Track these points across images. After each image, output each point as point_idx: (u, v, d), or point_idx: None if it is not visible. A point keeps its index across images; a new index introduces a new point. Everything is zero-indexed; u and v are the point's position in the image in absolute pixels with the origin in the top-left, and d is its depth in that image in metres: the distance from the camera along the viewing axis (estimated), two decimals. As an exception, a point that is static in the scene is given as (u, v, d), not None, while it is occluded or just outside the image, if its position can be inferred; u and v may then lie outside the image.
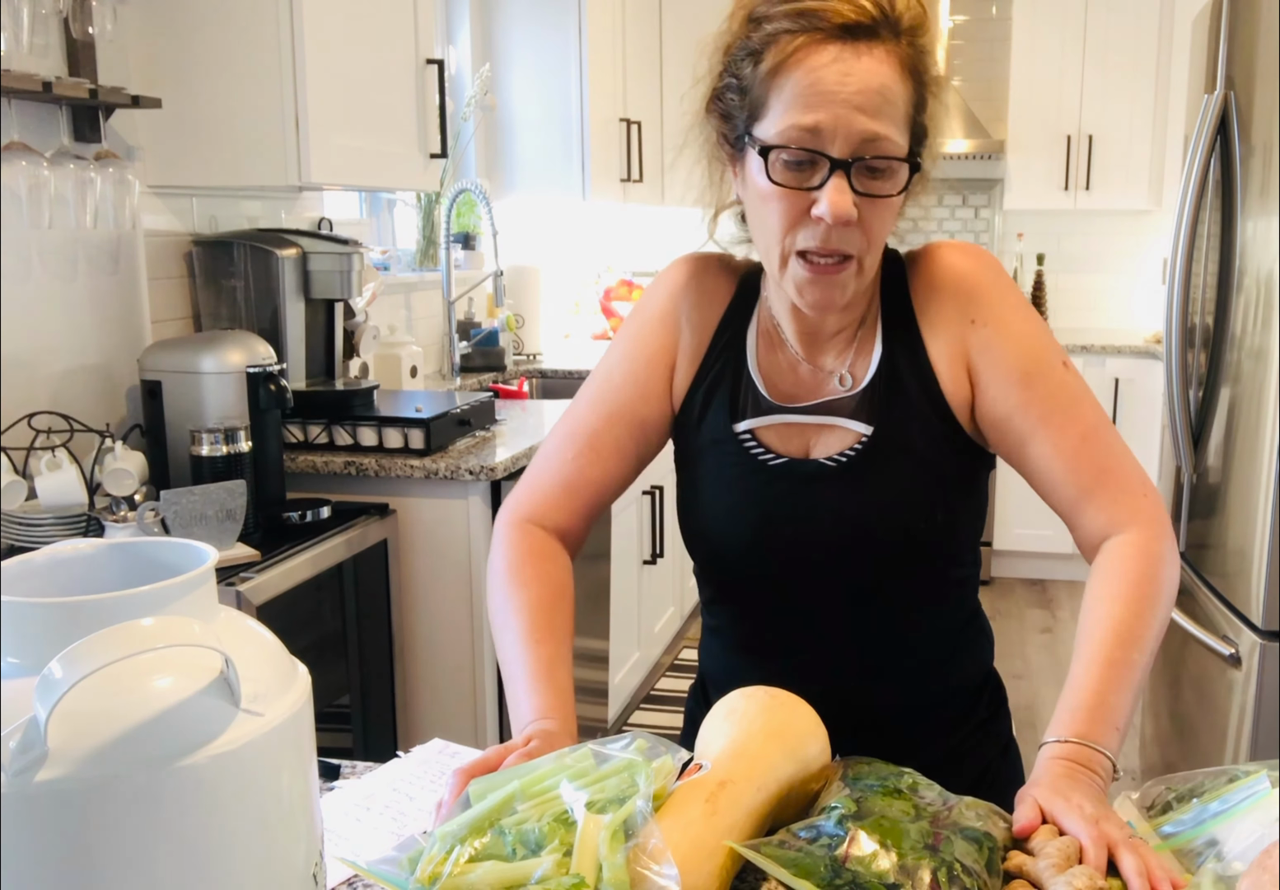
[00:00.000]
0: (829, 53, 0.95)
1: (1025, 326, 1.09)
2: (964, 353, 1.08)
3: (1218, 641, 2.29)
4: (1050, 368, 1.07)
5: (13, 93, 1.85)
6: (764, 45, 0.98)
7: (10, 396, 1.97)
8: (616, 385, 1.16)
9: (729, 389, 1.13)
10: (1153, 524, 1.05)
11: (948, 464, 1.10)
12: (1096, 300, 5.30)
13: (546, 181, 3.92)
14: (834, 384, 1.11)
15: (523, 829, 0.75)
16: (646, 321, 1.17)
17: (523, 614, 1.07)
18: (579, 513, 1.16)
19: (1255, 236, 2.20)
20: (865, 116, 0.95)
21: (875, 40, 0.96)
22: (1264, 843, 0.78)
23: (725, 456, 1.12)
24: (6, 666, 0.59)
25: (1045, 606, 4.58)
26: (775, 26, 0.97)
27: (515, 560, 1.12)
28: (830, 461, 1.10)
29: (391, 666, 2.34)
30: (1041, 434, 1.06)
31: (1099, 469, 1.06)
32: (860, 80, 0.95)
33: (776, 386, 1.12)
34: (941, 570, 1.14)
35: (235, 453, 2.02)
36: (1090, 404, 1.07)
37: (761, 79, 0.98)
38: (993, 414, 1.08)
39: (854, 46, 0.96)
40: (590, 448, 1.15)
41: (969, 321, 1.08)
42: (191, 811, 0.58)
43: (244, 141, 2.23)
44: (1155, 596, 1.01)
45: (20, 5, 1.87)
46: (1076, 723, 0.94)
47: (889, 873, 0.74)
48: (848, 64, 0.95)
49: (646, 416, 1.16)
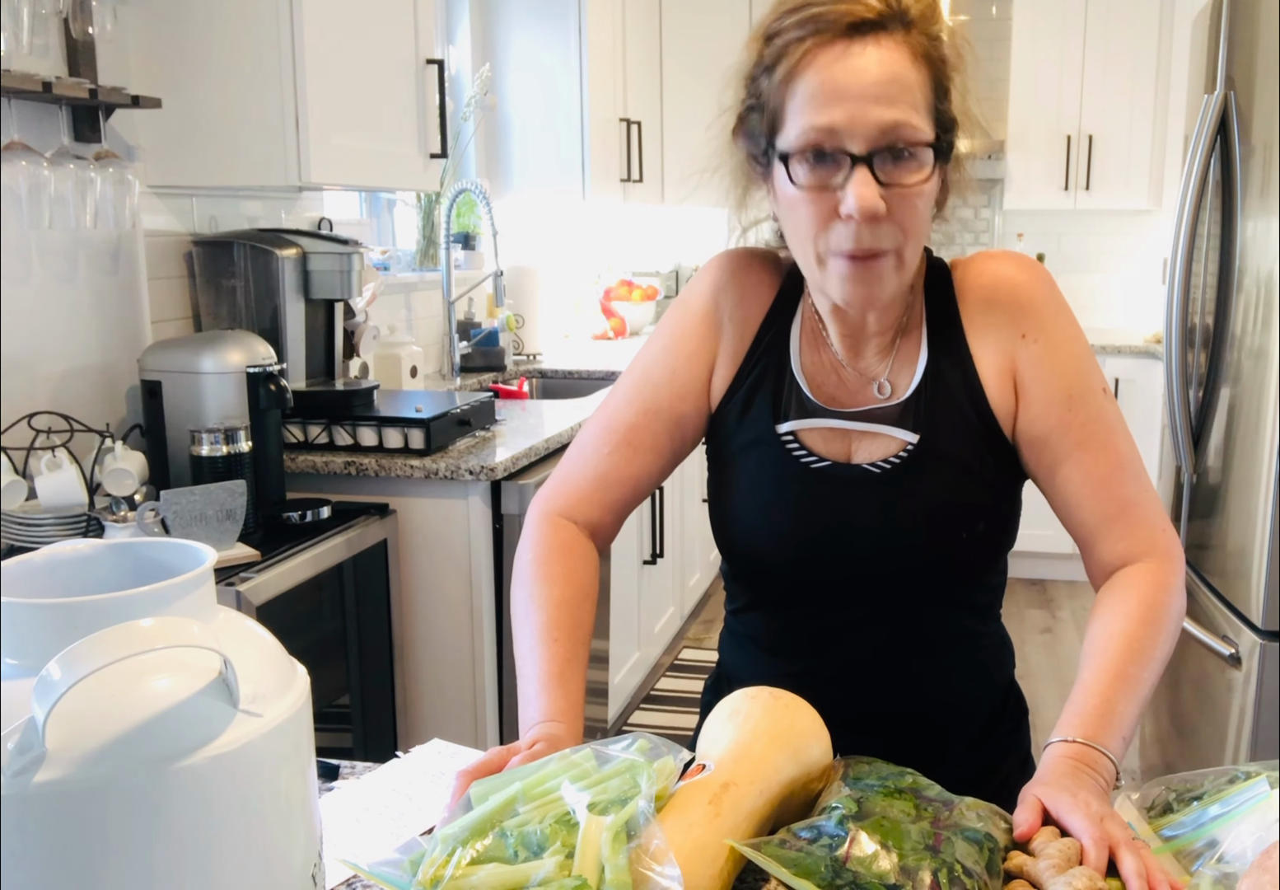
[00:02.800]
0: (835, 50, 0.95)
1: (1074, 347, 1.08)
2: (1012, 366, 1.08)
3: (1218, 641, 2.29)
4: (1093, 393, 1.07)
5: (13, 93, 1.84)
6: (776, 58, 0.98)
7: (10, 396, 1.97)
8: (654, 381, 1.15)
9: (771, 389, 1.12)
10: (1169, 559, 1.06)
11: (991, 474, 1.09)
12: (1096, 300, 5.29)
13: (546, 181, 3.92)
14: (873, 392, 1.10)
15: (525, 831, 0.75)
16: (687, 317, 1.16)
17: (544, 611, 1.06)
18: (611, 508, 1.16)
19: (1255, 236, 2.20)
20: (880, 106, 0.94)
21: (883, 32, 0.96)
22: (1263, 844, 0.78)
23: (766, 457, 1.11)
24: (5, 667, 0.59)
25: (1045, 606, 4.58)
26: (785, 38, 0.97)
27: (543, 555, 1.11)
28: (874, 467, 1.08)
29: (391, 666, 2.34)
30: (1075, 458, 1.06)
31: (1125, 500, 1.06)
32: (870, 72, 0.94)
33: (820, 388, 1.11)
34: (978, 579, 1.14)
35: (235, 453, 2.02)
36: (1124, 435, 1.08)
37: (775, 90, 0.98)
38: (1031, 431, 1.07)
39: (861, 41, 0.95)
40: (626, 443, 1.14)
41: (1020, 335, 1.07)
42: (190, 812, 0.58)
43: (244, 141, 2.23)
44: (1165, 622, 1.03)
45: (20, 5, 1.87)
46: (1085, 725, 0.94)
47: (890, 873, 0.74)
48: (855, 58, 0.95)
49: (684, 414, 1.14)
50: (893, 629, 1.12)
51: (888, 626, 1.12)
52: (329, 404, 2.43)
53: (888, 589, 1.10)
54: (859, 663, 1.13)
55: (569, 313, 4.72)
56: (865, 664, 1.13)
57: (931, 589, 1.10)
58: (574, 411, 2.94)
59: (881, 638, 1.12)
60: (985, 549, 1.10)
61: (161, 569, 0.67)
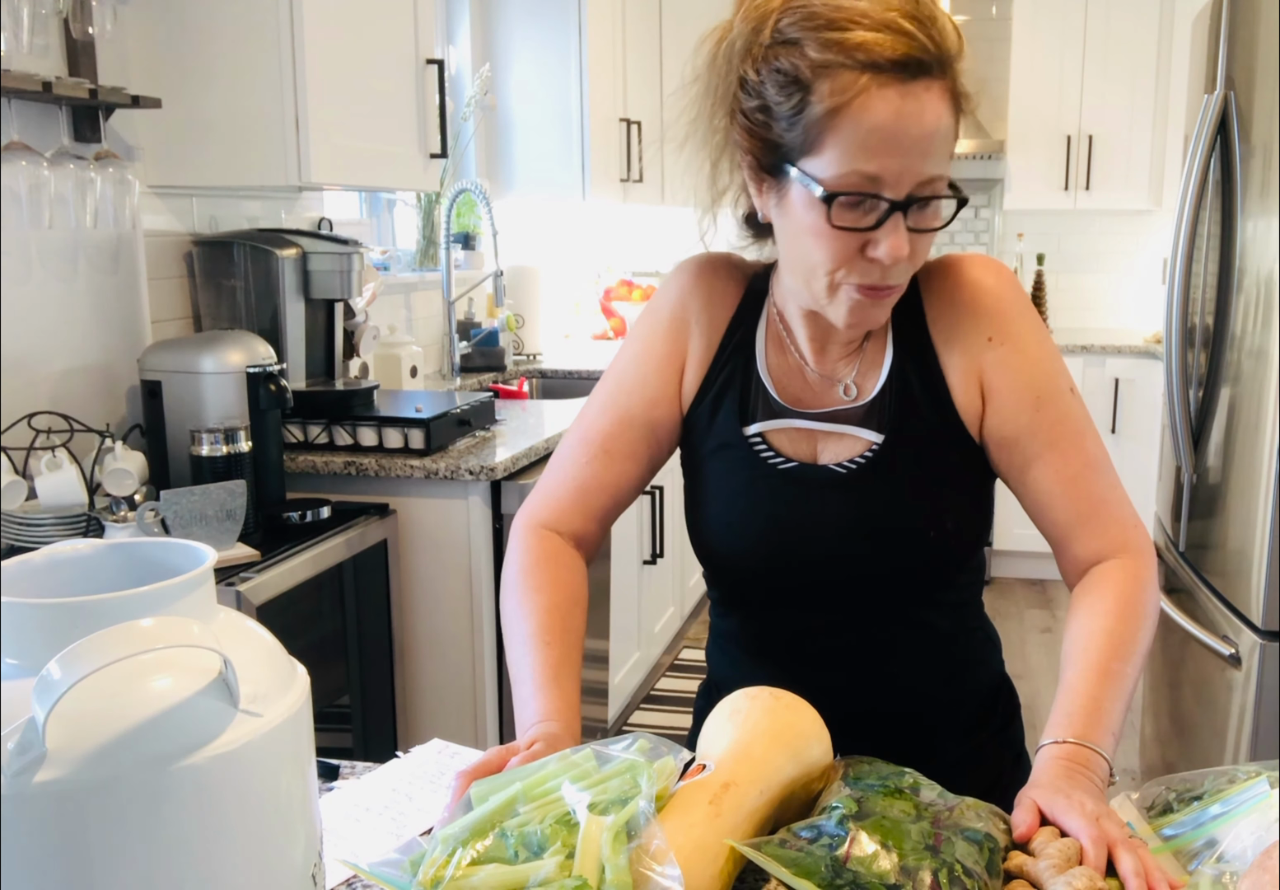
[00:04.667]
0: (890, 98, 0.92)
1: (1040, 349, 1.09)
2: (978, 369, 1.09)
3: (1218, 641, 2.29)
4: (1061, 393, 1.08)
5: (13, 93, 1.84)
6: (814, 77, 0.93)
7: (10, 396, 1.97)
8: (627, 389, 1.16)
9: (739, 391, 1.13)
10: (1142, 555, 1.07)
11: (957, 473, 1.10)
12: (1096, 300, 5.30)
13: (546, 181, 3.91)
14: (838, 394, 1.11)
15: (525, 831, 0.75)
16: (656, 324, 1.17)
17: (534, 618, 1.07)
18: (594, 517, 1.16)
19: (1255, 236, 2.20)
20: (926, 160, 0.94)
21: (930, 78, 0.94)
22: (1263, 844, 0.78)
23: (735, 459, 1.12)
24: (6, 667, 0.59)
25: (1045, 606, 4.58)
26: (822, 57, 0.93)
27: (529, 565, 1.12)
28: (840, 467, 1.10)
29: (391, 666, 2.34)
30: (1045, 458, 1.07)
31: (1096, 499, 1.08)
32: (921, 126, 0.93)
33: (786, 389, 1.12)
34: (949, 577, 1.14)
35: (235, 453, 2.02)
36: (1093, 434, 1.09)
37: (818, 117, 0.94)
38: (1000, 433, 1.08)
39: (913, 88, 0.93)
40: (604, 451, 1.15)
41: (986, 339, 1.08)
42: (190, 812, 0.58)
43: (244, 141, 2.23)
44: (1142, 616, 1.04)
45: (20, 5, 1.87)
46: (1074, 725, 0.95)
47: (890, 873, 0.74)
48: (909, 109, 0.93)
49: (658, 419, 1.15)
50: (868, 628, 1.13)
51: (862, 625, 1.12)
52: (329, 404, 2.43)
53: (858, 588, 1.11)
54: (838, 663, 1.14)
55: (569, 313, 4.72)
56: (844, 664, 1.14)
57: (902, 587, 1.11)
58: (574, 411, 2.91)
59: (857, 636, 1.13)
60: (954, 547, 1.11)
61: (161, 569, 0.67)
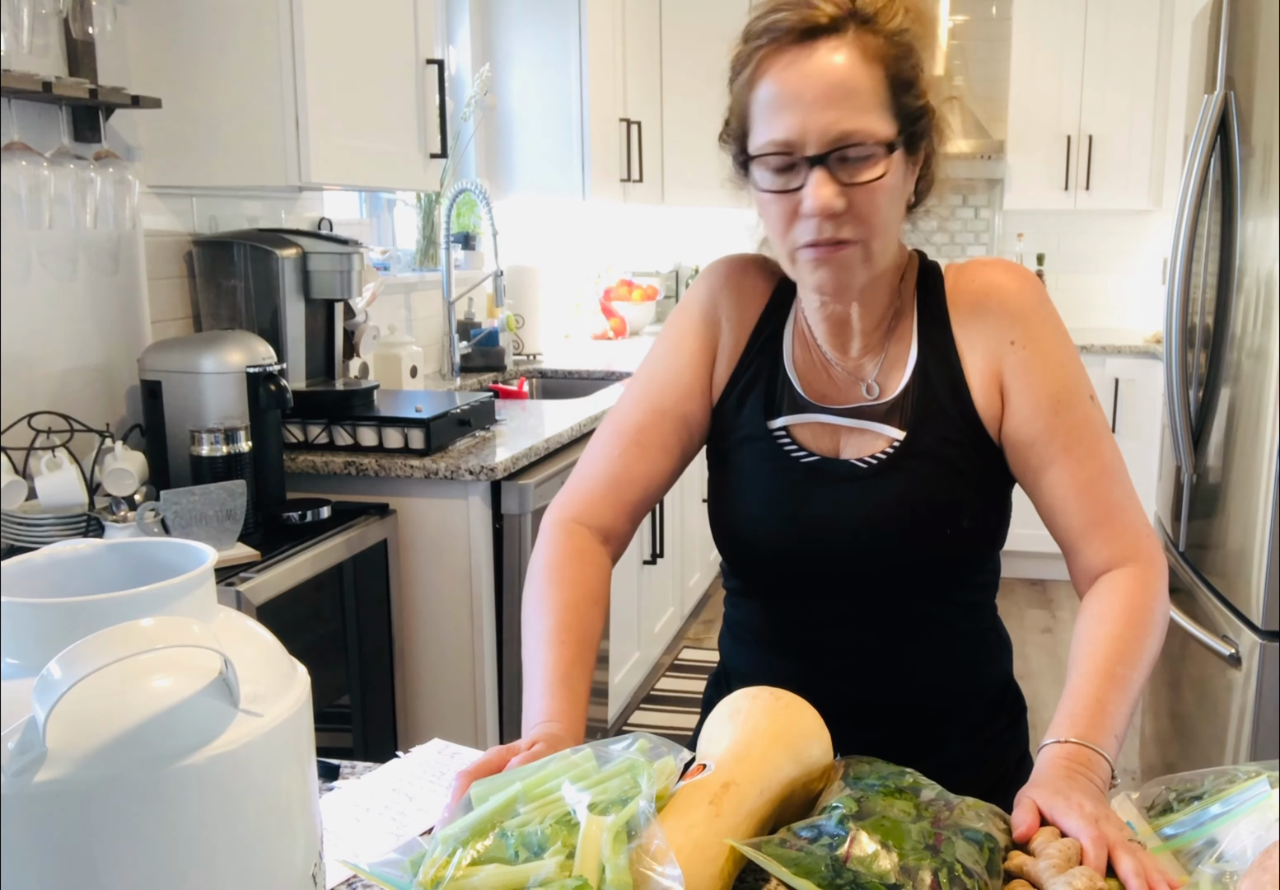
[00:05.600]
0: (786, 58, 0.99)
1: (1062, 354, 1.11)
2: (998, 371, 1.10)
3: (1218, 641, 2.29)
4: (1080, 399, 1.10)
5: (13, 93, 1.84)
6: (742, 64, 1.03)
7: (10, 396, 1.97)
8: (660, 383, 1.18)
9: (765, 386, 1.15)
10: (1153, 564, 1.08)
11: (976, 473, 1.11)
12: (1096, 300, 5.29)
13: (546, 181, 3.92)
14: (861, 391, 1.13)
15: (525, 831, 0.75)
16: (688, 320, 1.20)
17: (552, 615, 1.08)
18: (624, 509, 1.17)
19: (1255, 236, 2.20)
20: (829, 112, 0.98)
21: (836, 35, 0.99)
22: (1263, 844, 0.78)
23: (759, 452, 1.14)
24: (6, 667, 0.59)
25: (1045, 606, 4.58)
26: (750, 45, 1.02)
27: (554, 560, 1.13)
28: (861, 463, 1.11)
29: (391, 666, 2.34)
30: (1061, 463, 1.08)
31: (1110, 505, 1.08)
32: (824, 81, 0.98)
33: (811, 385, 1.15)
34: (966, 575, 1.15)
35: (235, 453, 2.02)
36: (1110, 442, 1.10)
37: (741, 97, 1.04)
38: (1017, 436, 1.10)
39: (813, 49, 0.99)
40: (636, 444, 1.16)
41: (1008, 342, 1.10)
42: (190, 812, 0.58)
43: (244, 141, 2.22)
44: (1150, 625, 1.04)
45: (20, 5, 1.87)
46: (1077, 726, 0.95)
47: (890, 873, 0.74)
48: (801, 66, 0.99)
49: (690, 412, 1.17)
50: (883, 621, 1.14)
51: (877, 618, 1.14)
52: (329, 404, 2.43)
53: (874, 582, 1.12)
54: (851, 653, 1.15)
55: (569, 313, 4.72)
56: (857, 655, 1.15)
57: (918, 584, 1.12)
58: (574, 411, 2.94)
59: (871, 629, 1.14)
60: (970, 546, 1.12)
61: (161, 569, 0.67)
